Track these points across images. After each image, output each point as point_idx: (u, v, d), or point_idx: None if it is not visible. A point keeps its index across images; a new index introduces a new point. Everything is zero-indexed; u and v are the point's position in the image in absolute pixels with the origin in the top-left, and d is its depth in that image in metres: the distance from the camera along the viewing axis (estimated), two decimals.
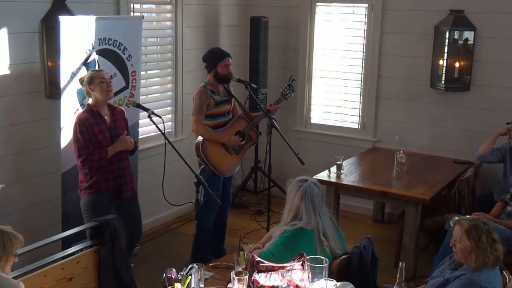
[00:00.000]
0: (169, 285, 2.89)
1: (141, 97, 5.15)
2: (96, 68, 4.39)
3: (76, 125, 4.00)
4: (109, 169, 4.10)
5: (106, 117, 4.12)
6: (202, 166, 4.72)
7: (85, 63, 4.35)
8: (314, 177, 4.16)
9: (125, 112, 4.35)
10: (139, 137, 5.18)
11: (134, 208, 4.39)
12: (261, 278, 2.90)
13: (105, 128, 4.08)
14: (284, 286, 2.89)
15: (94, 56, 4.43)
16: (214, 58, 4.78)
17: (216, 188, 4.68)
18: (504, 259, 2.98)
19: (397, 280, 2.87)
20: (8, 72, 4.32)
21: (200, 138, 4.73)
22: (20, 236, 2.74)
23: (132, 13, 5.27)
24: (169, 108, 5.94)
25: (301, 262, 2.94)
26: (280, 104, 5.10)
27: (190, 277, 2.85)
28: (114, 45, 4.61)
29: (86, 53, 4.37)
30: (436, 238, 4.79)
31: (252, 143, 5.09)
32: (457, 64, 5.57)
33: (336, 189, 5.00)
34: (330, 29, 6.32)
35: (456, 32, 5.57)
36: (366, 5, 6.00)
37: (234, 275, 2.81)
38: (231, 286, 2.87)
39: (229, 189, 5.08)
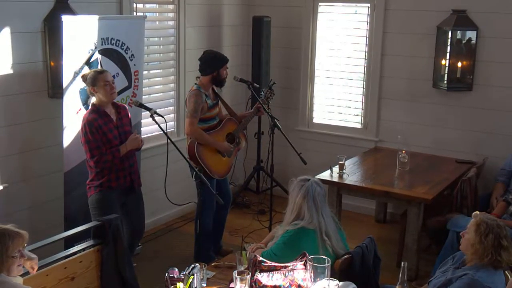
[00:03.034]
0: (172, 285, 2.90)
1: (143, 96, 5.16)
2: (99, 68, 4.40)
3: (86, 126, 4.00)
4: (120, 167, 4.16)
5: (112, 116, 4.15)
6: (197, 168, 4.73)
7: (88, 63, 4.36)
8: (317, 177, 4.16)
9: (127, 108, 4.38)
10: (142, 136, 5.18)
11: (139, 206, 4.44)
12: (263, 277, 2.90)
13: (113, 126, 4.12)
14: (286, 285, 2.89)
15: (97, 55, 4.44)
16: (217, 61, 4.79)
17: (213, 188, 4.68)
18: None
19: (399, 280, 2.87)
20: (11, 71, 4.33)
21: (193, 140, 4.74)
22: (22, 234, 2.67)
23: (134, 13, 5.28)
24: (171, 108, 5.95)
25: (303, 261, 2.94)
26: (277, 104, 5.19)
27: (192, 276, 2.86)
28: (117, 44, 4.62)
29: (89, 52, 4.37)
30: (438, 238, 4.79)
31: (242, 146, 5.14)
32: (459, 64, 5.56)
33: (338, 189, 5.00)
34: (332, 29, 6.32)
35: (458, 32, 5.56)
36: (369, 5, 6.00)
37: (236, 275, 2.82)
38: (233, 286, 2.87)
39: (227, 187, 5.11)
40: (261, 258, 2.98)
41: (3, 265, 2.61)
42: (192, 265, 2.93)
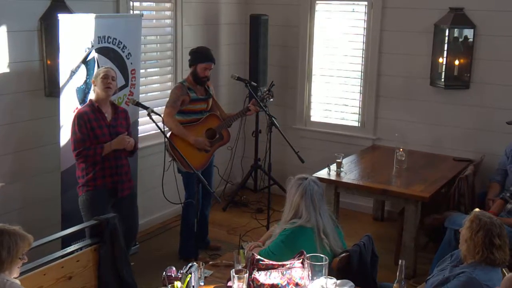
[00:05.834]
0: (169, 284, 2.89)
1: (140, 95, 5.15)
2: (96, 66, 4.39)
3: (75, 118, 4.04)
4: (106, 165, 4.12)
5: (106, 114, 4.14)
6: (170, 159, 4.77)
7: (85, 62, 4.35)
8: (314, 175, 4.15)
9: (128, 113, 4.36)
10: (139, 135, 5.17)
11: (131, 209, 4.36)
12: (261, 276, 2.90)
13: (104, 124, 4.10)
14: (284, 284, 2.89)
15: (94, 54, 4.43)
16: (198, 56, 4.88)
17: (194, 183, 4.63)
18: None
19: (397, 278, 2.87)
20: (7, 70, 4.31)
21: (170, 132, 4.82)
22: (29, 237, 2.73)
23: (131, 11, 5.26)
24: None
25: (301, 260, 2.94)
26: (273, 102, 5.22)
27: (190, 275, 2.85)
28: (114, 43, 4.60)
29: (85, 51, 4.36)
30: (436, 236, 4.80)
31: (224, 143, 5.10)
32: (456, 62, 5.56)
33: (336, 187, 5.00)
34: (330, 27, 6.31)
35: (455, 30, 5.56)
36: (366, 3, 5.99)
37: (234, 273, 2.81)
38: (231, 285, 2.87)
39: (210, 181, 5.10)
40: (259, 257, 2.97)
41: (10, 264, 2.64)
42: (190, 264, 2.93)
